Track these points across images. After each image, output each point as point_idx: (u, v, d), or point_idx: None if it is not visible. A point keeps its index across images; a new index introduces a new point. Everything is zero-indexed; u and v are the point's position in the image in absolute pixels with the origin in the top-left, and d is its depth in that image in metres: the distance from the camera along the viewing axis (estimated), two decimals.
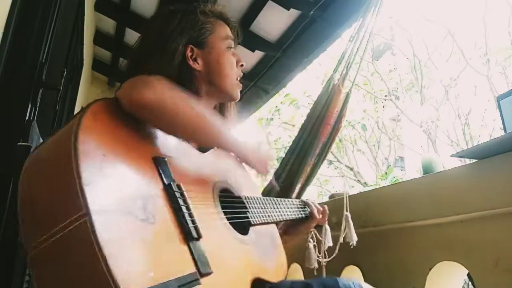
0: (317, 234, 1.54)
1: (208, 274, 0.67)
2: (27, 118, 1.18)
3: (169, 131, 0.79)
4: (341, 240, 1.61)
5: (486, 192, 1.26)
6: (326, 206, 1.35)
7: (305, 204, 1.28)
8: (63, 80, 1.56)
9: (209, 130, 0.83)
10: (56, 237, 0.55)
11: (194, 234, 0.69)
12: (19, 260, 1.02)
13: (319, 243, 1.55)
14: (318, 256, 1.57)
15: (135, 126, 0.73)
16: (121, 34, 3.62)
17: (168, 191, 0.70)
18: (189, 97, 0.81)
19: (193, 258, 0.66)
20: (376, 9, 1.88)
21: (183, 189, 0.73)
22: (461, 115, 6.79)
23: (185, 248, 0.67)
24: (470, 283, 3.39)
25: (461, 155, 1.48)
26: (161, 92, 0.74)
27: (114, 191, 0.60)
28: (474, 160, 1.33)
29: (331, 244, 1.54)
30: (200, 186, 0.82)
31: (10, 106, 1.17)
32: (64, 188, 0.57)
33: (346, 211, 1.64)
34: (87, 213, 0.54)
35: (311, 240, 1.54)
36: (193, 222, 0.70)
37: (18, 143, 0.94)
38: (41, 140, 1.06)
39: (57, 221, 0.55)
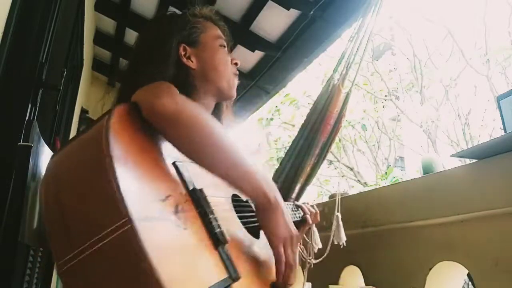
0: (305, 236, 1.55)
1: (238, 279, 0.67)
2: (27, 118, 1.18)
3: (182, 145, 0.72)
4: (331, 240, 1.62)
5: (486, 192, 1.26)
6: (317, 209, 1.33)
7: (297, 207, 1.27)
8: (63, 80, 1.56)
9: (226, 154, 0.73)
10: (96, 247, 0.53)
11: (222, 239, 0.68)
12: (19, 260, 1.02)
13: (306, 244, 1.57)
14: (305, 258, 1.58)
15: (154, 131, 0.72)
16: (121, 34, 3.62)
17: (193, 196, 0.70)
18: (208, 113, 0.79)
19: (224, 263, 0.66)
20: (376, 9, 1.88)
21: (206, 193, 0.73)
22: (461, 115, 6.79)
23: (216, 253, 0.66)
24: (470, 283, 3.39)
25: (461, 155, 1.48)
26: (183, 103, 0.73)
27: (149, 197, 0.59)
28: (474, 160, 1.33)
29: (320, 246, 1.55)
30: (216, 191, 0.82)
31: (10, 106, 1.17)
32: (101, 195, 0.55)
33: (337, 211, 1.65)
34: (130, 220, 0.52)
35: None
36: (219, 226, 0.69)
37: (18, 143, 0.93)
38: (42, 140, 1.05)
39: (96, 231, 0.53)
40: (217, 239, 0.68)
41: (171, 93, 0.74)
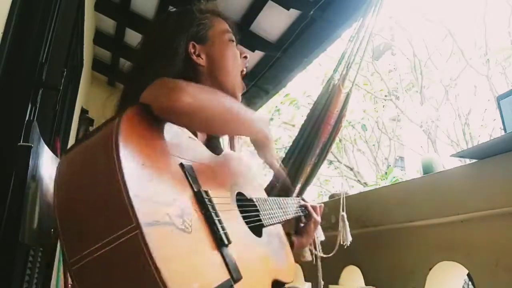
0: None
1: (239, 279, 0.69)
2: (27, 118, 1.18)
3: (208, 129, 0.83)
4: (339, 240, 1.61)
5: (486, 192, 1.26)
6: (322, 205, 1.34)
7: (300, 202, 1.28)
8: (63, 80, 1.56)
9: (246, 122, 0.87)
10: (106, 249, 0.54)
11: (225, 241, 0.70)
12: (19, 260, 1.02)
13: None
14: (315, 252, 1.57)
15: (160, 132, 0.73)
16: (121, 34, 3.63)
17: (198, 198, 0.71)
18: (219, 92, 0.83)
19: (226, 265, 0.68)
20: (376, 9, 1.88)
21: (210, 195, 0.74)
22: (461, 115, 6.79)
23: (218, 254, 0.68)
24: (470, 283, 3.39)
25: (461, 155, 1.48)
26: (197, 93, 0.74)
27: (156, 201, 0.61)
28: (474, 160, 1.33)
29: (323, 238, 1.54)
30: (221, 191, 0.83)
31: (10, 106, 1.17)
32: (110, 199, 0.56)
33: (343, 211, 1.65)
34: (138, 226, 0.53)
35: None
36: (223, 228, 0.71)
37: (18, 143, 0.93)
38: (42, 140, 1.05)
39: (105, 234, 0.55)
40: (220, 241, 0.69)
41: (179, 86, 0.73)
